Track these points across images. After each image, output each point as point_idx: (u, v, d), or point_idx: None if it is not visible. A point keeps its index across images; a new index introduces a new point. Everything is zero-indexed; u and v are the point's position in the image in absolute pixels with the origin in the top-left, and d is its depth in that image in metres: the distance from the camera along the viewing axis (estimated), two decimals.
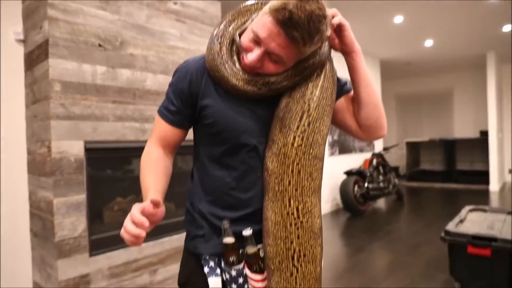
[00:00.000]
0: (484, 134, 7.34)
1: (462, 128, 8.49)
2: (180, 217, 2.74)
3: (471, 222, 2.64)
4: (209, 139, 0.97)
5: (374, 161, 5.64)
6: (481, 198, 6.24)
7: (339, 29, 0.92)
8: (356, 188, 5.08)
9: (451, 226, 2.45)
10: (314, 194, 0.90)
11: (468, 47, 6.42)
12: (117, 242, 2.36)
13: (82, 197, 2.18)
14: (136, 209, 0.79)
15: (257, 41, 0.84)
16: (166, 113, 0.98)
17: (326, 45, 0.92)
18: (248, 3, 0.97)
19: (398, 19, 4.81)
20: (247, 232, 0.90)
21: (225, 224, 0.90)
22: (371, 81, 0.98)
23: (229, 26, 0.95)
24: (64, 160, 2.11)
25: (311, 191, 0.89)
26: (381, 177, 5.62)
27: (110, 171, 2.49)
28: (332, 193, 5.51)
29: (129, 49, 2.42)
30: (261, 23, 0.82)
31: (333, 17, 0.90)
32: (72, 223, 2.14)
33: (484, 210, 2.96)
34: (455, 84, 8.59)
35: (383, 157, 5.94)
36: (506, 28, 5.35)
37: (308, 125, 0.89)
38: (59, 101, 2.09)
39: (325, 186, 5.19)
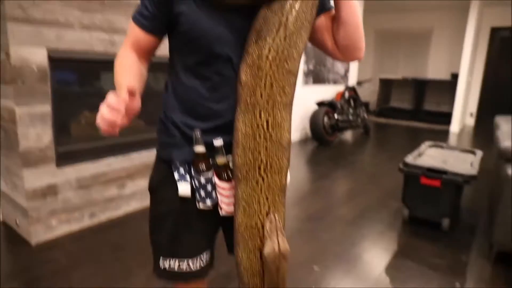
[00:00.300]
0: (455, 77, 7.48)
1: (435, 70, 8.60)
2: (150, 134, 2.75)
3: (428, 156, 2.81)
4: (184, 48, 0.95)
5: (346, 94, 5.71)
6: (441, 137, 6.59)
7: None
8: (326, 119, 5.19)
9: (409, 159, 2.60)
10: (285, 109, 0.90)
11: None
12: (85, 155, 2.37)
13: (47, 107, 2.11)
14: (111, 95, 0.76)
15: None
16: (140, 18, 0.94)
17: None
18: None
19: None
20: (218, 142, 0.92)
21: (196, 133, 0.92)
22: (354, 1, 0.95)
23: None
24: (26, 68, 2.00)
25: (282, 105, 0.89)
26: (351, 110, 5.74)
27: (77, 84, 2.40)
28: (302, 122, 5.63)
29: None
30: None
31: None
32: (37, 134, 2.10)
33: (442, 147, 3.14)
34: (435, 24, 8.49)
35: (356, 91, 6.01)
36: None
37: (284, 38, 0.86)
38: (17, 2, 1.92)
39: (295, 115, 5.27)
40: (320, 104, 5.36)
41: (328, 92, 6.17)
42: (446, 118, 7.57)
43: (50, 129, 2.15)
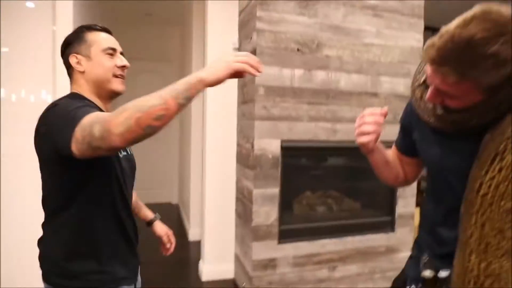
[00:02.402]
0: None
1: None
2: (365, 218, 2.72)
3: None
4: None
5: None
6: None
7: None
8: None
9: None
10: (506, 257, 0.74)
11: None
12: (303, 234, 2.54)
13: (276, 190, 2.42)
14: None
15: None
16: (396, 142, 1.14)
17: None
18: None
19: None
20: (442, 274, 0.87)
21: (424, 257, 0.93)
22: None
23: None
24: (263, 157, 2.37)
25: (502, 252, 0.74)
26: None
27: (302, 168, 2.67)
28: None
29: (324, 50, 2.48)
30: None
31: None
32: (266, 212, 2.41)
33: None
34: None
35: None
36: None
37: (499, 171, 0.73)
38: (262, 104, 2.35)
39: None
40: None
41: None
42: None
43: (277, 208, 2.43)
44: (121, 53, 1.11)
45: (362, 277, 2.68)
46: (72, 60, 1.04)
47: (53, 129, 0.89)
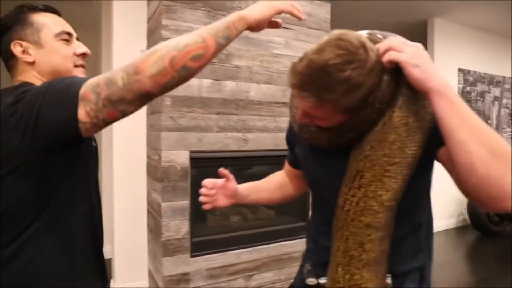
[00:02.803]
0: None
1: None
2: (280, 225, 2.76)
3: None
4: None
5: None
6: None
7: (398, 67, 0.74)
8: None
9: None
10: (367, 268, 0.78)
11: None
12: (217, 246, 2.50)
13: (186, 202, 2.36)
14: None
15: None
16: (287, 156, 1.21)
17: (386, 88, 0.75)
18: None
19: None
20: (323, 281, 0.90)
21: (307, 265, 0.98)
22: (471, 133, 0.67)
23: None
24: (172, 168, 2.31)
25: (362, 264, 0.78)
26: None
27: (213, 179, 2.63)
28: (458, 207, 4.83)
29: (234, 60, 2.49)
30: None
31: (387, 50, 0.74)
32: (176, 225, 2.34)
33: None
34: None
35: None
36: None
37: (359, 188, 0.77)
38: (169, 114, 2.29)
39: (451, 198, 4.57)
40: None
41: None
42: None
43: (187, 221, 2.37)
44: (77, 39, 0.93)
45: (278, 284, 2.71)
46: (16, 48, 0.84)
47: (41, 110, 0.70)
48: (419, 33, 4.64)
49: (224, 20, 0.77)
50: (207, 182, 1.10)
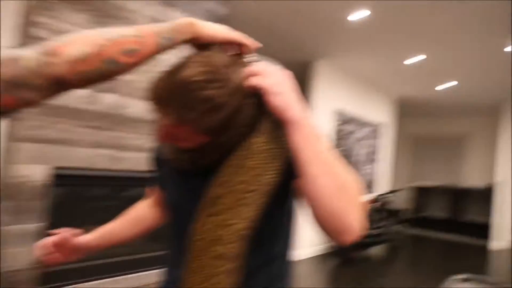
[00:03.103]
0: (494, 185, 7.02)
1: (472, 177, 8.17)
2: (147, 253, 2.58)
3: None
4: None
5: (373, 205, 5.41)
6: (481, 255, 5.93)
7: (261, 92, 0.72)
8: None
9: None
10: None
11: (485, 94, 6.22)
12: (73, 276, 2.21)
13: (37, 225, 2.04)
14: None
15: None
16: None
17: (249, 111, 0.73)
18: None
19: (417, 59, 4.66)
20: None
21: None
22: (322, 168, 0.68)
23: None
24: (22, 185, 1.98)
25: None
26: (378, 223, 5.37)
27: (83, 199, 2.35)
28: (320, 235, 5.27)
29: None
30: None
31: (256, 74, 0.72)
32: (21, 253, 2.00)
33: (476, 280, 2.71)
34: (469, 131, 8.33)
35: (384, 201, 5.70)
36: None
37: (214, 215, 0.73)
38: (31, 123, 1.98)
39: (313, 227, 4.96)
40: None
41: None
42: (486, 231, 6.92)
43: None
44: None
45: None
46: None
47: None
48: (303, 73, 5.07)
49: (171, 22, 0.70)
50: (46, 241, 0.98)
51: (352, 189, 0.70)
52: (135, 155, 2.40)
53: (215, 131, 0.72)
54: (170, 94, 0.67)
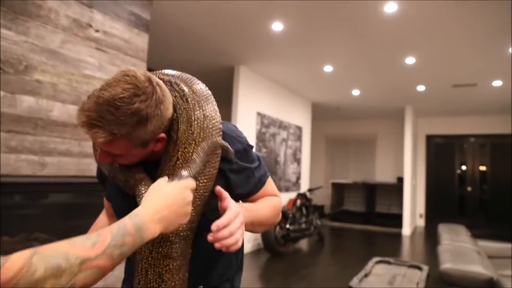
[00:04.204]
0: (401, 180, 7.91)
1: (382, 173, 9.08)
2: None
3: (375, 276, 2.73)
4: None
5: (298, 202, 5.74)
6: (395, 241, 6.62)
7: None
8: (277, 228, 5.10)
9: (354, 282, 2.50)
10: None
11: (389, 99, 6.99)
12: None
13: None
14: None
15: None
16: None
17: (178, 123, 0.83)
18: None
19: (328, 68, 5.09)
20: None
21: None
22: (258, 222, 0.93)
23: None
24: None
25: None
26: (303, 218, 5.72)
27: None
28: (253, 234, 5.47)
29: (35, 74, 2.22)
30: None
31: None
32: None
33: (389, 262, 3.09)
34: (378, 131, 9.25)
35: (307, 197, 6.08)
36: (420, 88, 5.92)
37: None
38: None
39: None
40: None
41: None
42: (397, 220, 7.74)
43: None
44: None
45: None
46: None
47: None
48: (227, 77, 5.23)
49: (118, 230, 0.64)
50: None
51: (276, 207, 1.00)
52: (60, 159, 2.31)
53: (148, 142, 0.79)
54: (98, 113, 0.72)
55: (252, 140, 5.39)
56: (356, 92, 6.45)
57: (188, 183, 0.75)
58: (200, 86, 0.88)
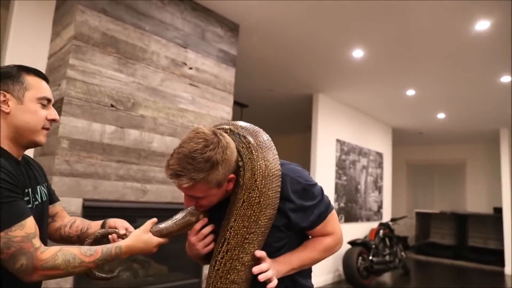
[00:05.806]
0: (498, 211, 7.09)
1: (474, 202, 8.25)
2: (171, 283, 2.65)
3: None
4: None
5: (381, 232, 5.45)
6: (495, 281, 5.90)
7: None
8: (360, 260, 4.87)
9: None
10: None
11: (480, 121, 6.43)
12: None
13: None
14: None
15: None
16: None
17: (247, 175, 1.00)
18: None
19: (411, 92, 4.90)
20: None
21: None
22: (305, 263, 1.08)
23: None
24: None
25: None
26: (387, 250, 5.40)
27: None
28: (335, 264, 5.29)
29: (139, 110, 2.49)
30: None
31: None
32: (57, 282, 2.08)
33: None
34: (468, 156, 8.50)
35: (391, 228, 5.75)
36: None
37: (226, 252, 0.99)
38: (65, 158, 2.13)
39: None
40: (353, 243, 5.09)
41: (361, 229, 5.93)
42: (496, 256, 6.90)
43: (71, 279, 2.13)
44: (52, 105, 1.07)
45: None
46: None
47: None
48: (306, 105, 5.29)
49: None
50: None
51: (327, 247, 1.11)
52: (158, 187, 2.53)
53: (222, 183, 0.98)
54: (181, 166, 0.92)
55: (331, 167, 5.32)
56: (441, 116, 6.06)
57: (159, 241, 1.08)
58: (264, 138, 1.04)
